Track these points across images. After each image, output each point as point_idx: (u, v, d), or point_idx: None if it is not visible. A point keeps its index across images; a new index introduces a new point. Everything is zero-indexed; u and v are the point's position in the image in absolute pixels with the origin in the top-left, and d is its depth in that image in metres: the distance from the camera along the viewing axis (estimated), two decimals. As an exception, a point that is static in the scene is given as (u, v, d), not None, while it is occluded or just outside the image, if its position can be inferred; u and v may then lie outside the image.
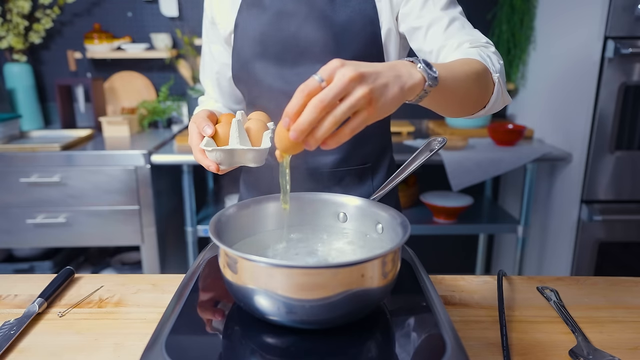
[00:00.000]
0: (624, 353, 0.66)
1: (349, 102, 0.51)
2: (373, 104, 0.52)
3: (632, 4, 1.65)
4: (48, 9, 2.25)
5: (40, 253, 2.18)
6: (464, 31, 0.83)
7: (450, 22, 0.83)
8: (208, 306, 0.63)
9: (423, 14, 0.85)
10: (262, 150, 0.72)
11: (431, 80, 0.58)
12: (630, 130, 1.78)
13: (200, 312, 0.61)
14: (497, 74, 0.74)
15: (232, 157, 0.73)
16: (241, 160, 0.73)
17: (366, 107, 0.52)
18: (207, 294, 0.66)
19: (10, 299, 0.81)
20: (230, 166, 0.74)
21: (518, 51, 2.28)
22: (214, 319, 0.60)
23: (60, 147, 1.88)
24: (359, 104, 0.51)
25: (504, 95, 0.77)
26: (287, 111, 0.53)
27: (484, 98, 0.73)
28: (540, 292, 0.83)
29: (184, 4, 2.35)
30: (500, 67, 0.77)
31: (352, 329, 0.56)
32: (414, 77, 0.56)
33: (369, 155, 0.99)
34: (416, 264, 0.72)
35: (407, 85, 0.55)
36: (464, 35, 0.82)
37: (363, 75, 0.51)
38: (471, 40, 0.80)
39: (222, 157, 0.72)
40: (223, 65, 1.02)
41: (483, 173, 1.91)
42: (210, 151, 0.72)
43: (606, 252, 1.90)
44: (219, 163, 0.73)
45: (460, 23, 0.85)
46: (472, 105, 0.73)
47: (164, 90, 2.31)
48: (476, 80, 0.69)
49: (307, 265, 0.54)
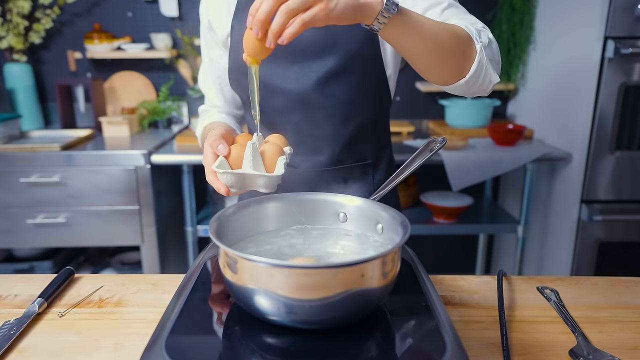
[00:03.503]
0: (624, 353, 0.66)
1: None
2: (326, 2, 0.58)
3: (632, 4, 1.65)
4: (48, 9, 2.25)
5: (40, 253, 2.18)
6: (460, 15, 0.83)
7: (446, 7, 0.83)
8: (208, 306, 0.63)
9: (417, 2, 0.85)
10: (275, 177, 0.70)
11: (389, 5, 0.62)
12: (630, 130, 1.78)
13: (200, 312, 0.61)
14: (480, 44, 0.74)
15: (244, 182, 0.71)
16: (252, 185, 0.72)
17: (318, 2, 0.58)
18: (207, 294, 0.66)
19: (10, 299, 0.81)
20: (241, 189, 0.73)
21: (518, 51, 2.28)
22: (214, 319, 0.60)
23: (60, 147, 1.88)
24: None
25: (489, 71, 0.76)
26: (250, 10, 0.59)
27: (461, 63, 0.73)
28: (540, 292, 0.83)
29: (184, 4, 2.35)
30: (489, 42, 0.76)
31: (352, 329, 0.56)
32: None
33: (367, 152, 0.99)
34: (416, 264, 0.72)
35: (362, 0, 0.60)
36: (460, 20, 0.81)
37: None
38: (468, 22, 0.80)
39: (233, 181, 0.71)
40: (224, 70, 1.02)
41: (483, 173, 1.91)
42: (222, 173, 0.70)
43: (606, 252, 1.90)
44: (230, 186, 0.71)
45: (456, 8, 0.84)
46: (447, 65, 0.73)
47: (164, 90, 2.31)
48: (451, 37, 0.70)
49: (307, 265, 0.54)
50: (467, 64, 0.74)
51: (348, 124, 0.94)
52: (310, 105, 0.92)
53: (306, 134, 0.94)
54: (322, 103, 0.92)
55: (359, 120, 0.95)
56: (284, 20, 0.58)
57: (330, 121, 0.93)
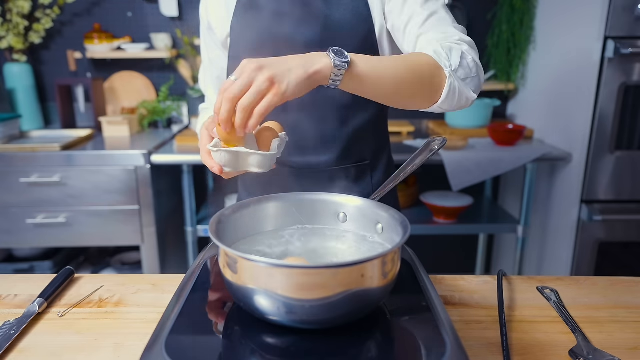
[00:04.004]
0: (624, 353, 0.66)
1: (253, 88, 0.61)
2: (277, 85, 0.61)
3: (632, 4, 1.65)
4: (48, 9, 2.24)
5: (40, 253, 2.18)
6: (438, 28, 0.82)
7: (427, 17, 0.83)
8: (208, 306, 0.63)
9: (404, 11, 0.85)
10: (268, 156, 0.71)
11: (339, 65, 0.64)
12: (630, 130, 1.78)
13: (200, 312, 0.61)
14: (450, 68, 0.74)
15: (237, 160, 0.72)
16: (246, 164, 0.72)
17: (270, 89, 0.61)
18: (207, 294, 0.66)
19: (10, 299, 0.81)
20: (235, 170, 0.73)
21: (518, 51, 2.28)
22: (214, 319, 0.60)
23: (60, 147, 1.88)
24: (262, 88, 0.61)
25: (463, 91, 0.76)
26: (214, 109, 0.65)
27: (429, 93, 0.74)
28: (540, 292, 0.83)
29: (184, 4, 2.35)
30: (463, 61, 0.76)
31: (352, 329, 0.56)
32: (320, 62, 0.64)
33: (366, 152, 0.99)
34: (416, 264, 0.72)
35: (312, 69, 0.63)
36: (437, 33, 0.81)
37: (263, 65, 0.61)
38: (442, 38, 0.80)
39: (227, 159, 0.72)
40: (223, 71, 1.02)
41: (483, 173, 1.91)
42: (216, 151, 0.71)
43: (606, 252, 1.90)
44: (224, 165, 0.72)
45: (437, 18, 0.83)
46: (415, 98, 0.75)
47: (164, 90, 2.31)
48: (414, 74, 0.71)
49: (307, 265, 0.54)
50: (437, 91, 0.75)
51: (347, 125, 0.94)
52: (309, 106, 0.92)
53: (305, 134, 0.94)
54: (321, 104, 0.92)
55: (359, 121, 0.95)
56: (244, 116, 0.62)
57: (330, 122, 0.93)
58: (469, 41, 0.80)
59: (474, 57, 0.78)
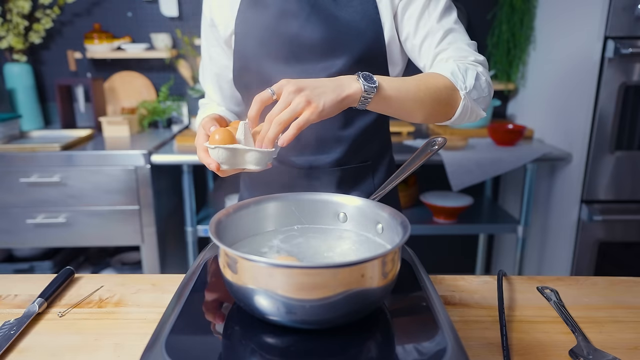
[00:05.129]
0: (624, 353, 0.66)
1: (291, 108, 0.65)
2: (313, 104, 0.65)
3: (632, 4, 1.65)
4: (48, 9, 2.25)
5: (40, 253, 2.18)
6: (454, 46, 0.86)
7: (443, 36, 0.86)
8: (208, 306, 0.63)
9: (419, 28, 0.87)
10: (265, 153, 0.72)
11: (369, 90, 0.69)
12: (630, 130, 1.78)
13: (200, 312, 0.61)
14: (465, 91, 0.79)
15: (234, 157, 0.72)
16: (243, 162, 0.73)
17: (306, 107, 0.65)
18: (207, 294, 0.66)
19: (10, 299, 0.81)
20: (232, 167, 0.73)
21: (518, 51, 2.28)
22: (214, 319, 0.60)
23: (60, 147, 1.88)
24: (298, 107, 0.65)
25: (475, 110, 0.82)
26: (249, 115, 0.69)
27: (445, 111, 0.80)
28: (540, 292, 0.83)
29: (184, 4, 2.35)
30: (477, 82, 0.80)
31: (352, 329, 0.56)
32: (351, 87, 0.69)
33: (369, 153, 0.99)
34: (416, 264, 0.72)
35: (343, 93, 0.68)
36: (454, 51, 0.85)
37: (301, 87, 0.66)
38: (458, 57, 0.84)
39: (224, 156, 0.72)
40: (223, 68, 1.02)
41: (483, 173, 1.91)
42: (213, 149, 0.72)
43: (606, 252, 1.90)
44: (221, 162, 0.72)
45: (454, 36, 0.87)
46: (431, 117, 0.80)
47: (164, 90, 2.31)
48: (434, 95, 0.77)
49: (307, 265, 0.53)
50: (451, 110, 0.80)
51: (352, 126, 0.94)
52: None
53: (309, 135, 0.94)
54: None
55: (363, 122, 0.94)
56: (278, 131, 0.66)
57: (334, 124, 0.93)
58: (483, 60, 0.86)
59: (487, 77, 0.84)
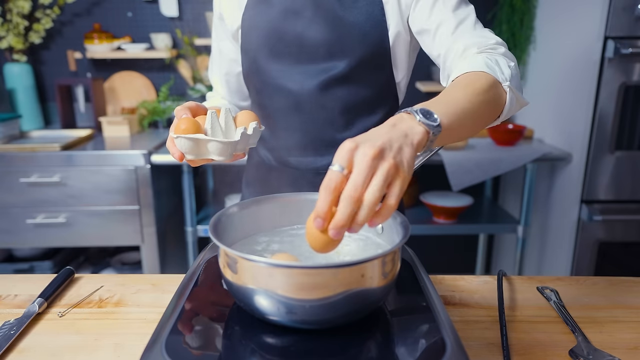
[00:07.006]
0: (624, 353, 0.66)
1: (380, 179, 0.50)
2: (400, 170, 0.52)
3: (632, 4, 1.65)
4: (48, 9, 2.25)
5: (40, 253, 2.18)
6: (472, 33, 0.80)
7: (458, 23, 0.81)
8: (208, 306, 0.63)
9: (432, 16, 0.83)
10: (227, 143, 0.70)
11: (434, 129, 0.58)
12: (630, 130, 1.78)
13: (200, 312, 0.61)
14: (508, 82, 0.71)
15: (197, 147, 0.71)
16: (206, 152, 0.72)
17: (396, 175, 0.51)
18: (207, 294, 0.66)
19: (10, 299, 0.81)
20: (197, 157, 0.73)
21: (518, 51, 2.28)
22: (214, 319, 0.60)
23: (60, 147, 1.88)
24: (389, 176, 0.50)
25: (519, 100, 0.74)
26: (319, 212, 0.50)
27: (495, 110, 0.71)
28: (540, 292, 0.83)
29: (184, 4, 2.35)
30: (511, 70, 0.73)
31: (352, 329, 0.56)
32: (418, 132, 0.56)
33: None
34: (416, 264, 0.72)
35: (415, 141, 0.55)
36: (472, 38, 0.79)
37: (382, 149, 0.51)
38: (478, 43, 0.77)
39: (187, 146, 0.71)
40: (232, 62, 1.03)
41: (483, 173, 1.91)
42: (176, 138, 0.71)
43: (606, 252, 1.89)
44: (185, 152, 0.72)
45: (469, 24, 0.82)
46: (485, 123, 0.71)
47: (164, 90, 2.31)
48: (485, 100, 0.67)
49: (307, 265, 0.53)
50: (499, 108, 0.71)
51: (353, 128, 0.93)
52: (314, 107, 0.91)
53: (310, 136, 0.94)
54: (326, 106, 0.91)
55: (364, 124, 0.94)
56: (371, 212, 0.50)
57: (335, 125, 0.93)
58: (503, 42, 0.79)
59: (514, 59, 0.76)
